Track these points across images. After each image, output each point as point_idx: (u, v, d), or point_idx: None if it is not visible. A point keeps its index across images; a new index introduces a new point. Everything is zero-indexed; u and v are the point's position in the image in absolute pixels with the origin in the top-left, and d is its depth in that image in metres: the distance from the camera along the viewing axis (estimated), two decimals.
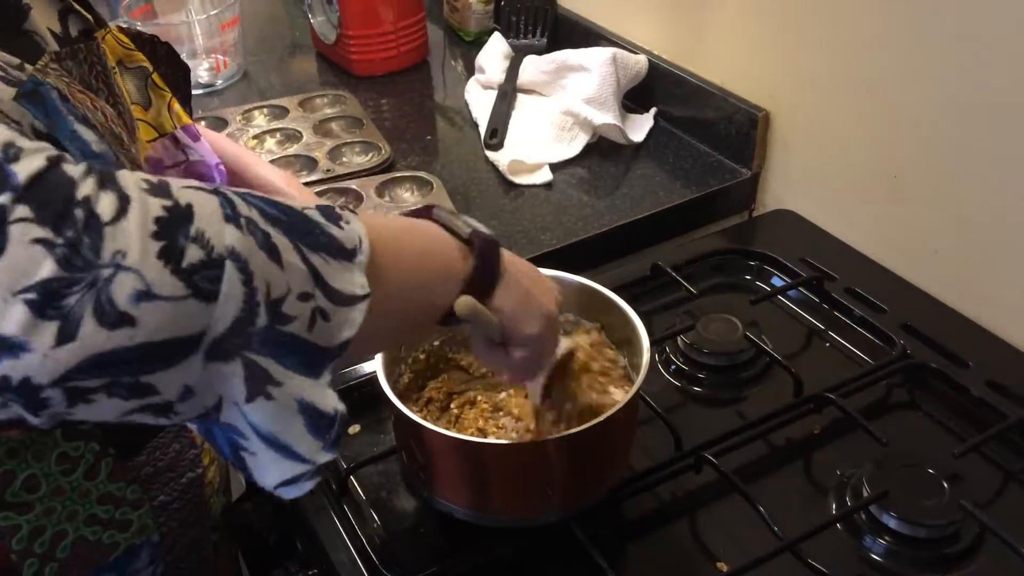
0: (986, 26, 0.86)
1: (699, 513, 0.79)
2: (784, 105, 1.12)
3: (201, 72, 1.48)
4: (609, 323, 0.81)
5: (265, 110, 1.37)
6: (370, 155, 1.24)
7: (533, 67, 1.32)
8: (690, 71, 1.24)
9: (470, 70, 1.43)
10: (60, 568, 0.63)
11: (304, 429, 0.47)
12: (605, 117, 1.22)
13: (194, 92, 1.44)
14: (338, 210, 0.50)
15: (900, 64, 0.96)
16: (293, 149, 1.26)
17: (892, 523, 0.75)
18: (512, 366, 0.65)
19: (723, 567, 0.74)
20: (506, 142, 1.24)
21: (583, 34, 1.38)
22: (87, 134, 0.53)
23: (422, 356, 0.83)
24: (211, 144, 0.73)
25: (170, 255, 0.41)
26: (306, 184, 1.18)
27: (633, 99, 1.31)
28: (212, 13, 1.46)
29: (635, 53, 1.28)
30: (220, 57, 1.48)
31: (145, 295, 0.40)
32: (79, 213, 0.40)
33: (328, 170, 1.21)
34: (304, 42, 1.60)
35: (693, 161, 1.21)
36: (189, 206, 0.42)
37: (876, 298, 0.98)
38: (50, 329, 0.39)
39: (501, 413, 0.80)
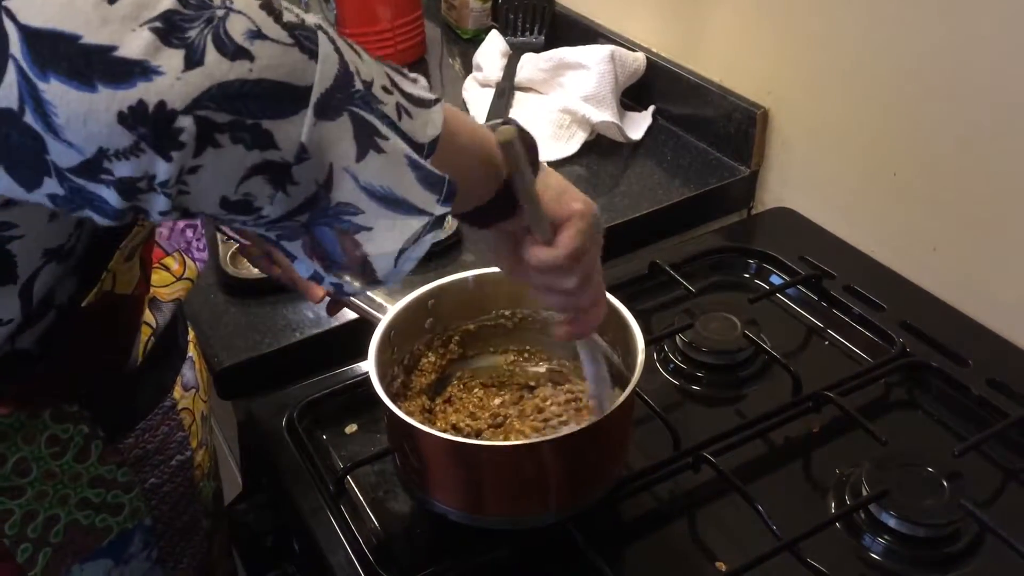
0: (985, 23, 0.86)
1: (698, 513, 0.79)
2: (783, 102, 1.12)
3: None
4: (604, 324, 0.80)
5: None
6: None
7: (531, 65, 1.32)
8: (688, 68, 1.23)
9: (468, 68, 1.43)
10: (54, 553, 0.63)
11: (417, 182, 0.48)
12: (603, 115, 1.22)
13: None
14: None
15: (899, 61, 0.95)
16: None
17: (891, 522, 0.74)
18: (567, 271, 0.64)
19: (722, 567, 0.73)
20: None
21: (581, 32, 1.38)
22: None
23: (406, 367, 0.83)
24: None
25: (271, 9, 0.43)
26: None
27: (631, 97, 1.30)
28: None
29: (633, 51, 1.28)
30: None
31: (257, 34, 0.42)
32: None
33: None
34: None
35: (691, 159, 1.21)
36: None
37: (875, 296, 0.97)
38: (178, 55, 0.40)
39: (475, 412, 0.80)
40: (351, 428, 0.87)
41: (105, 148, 0.40)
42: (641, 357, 0.73)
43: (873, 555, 0.74)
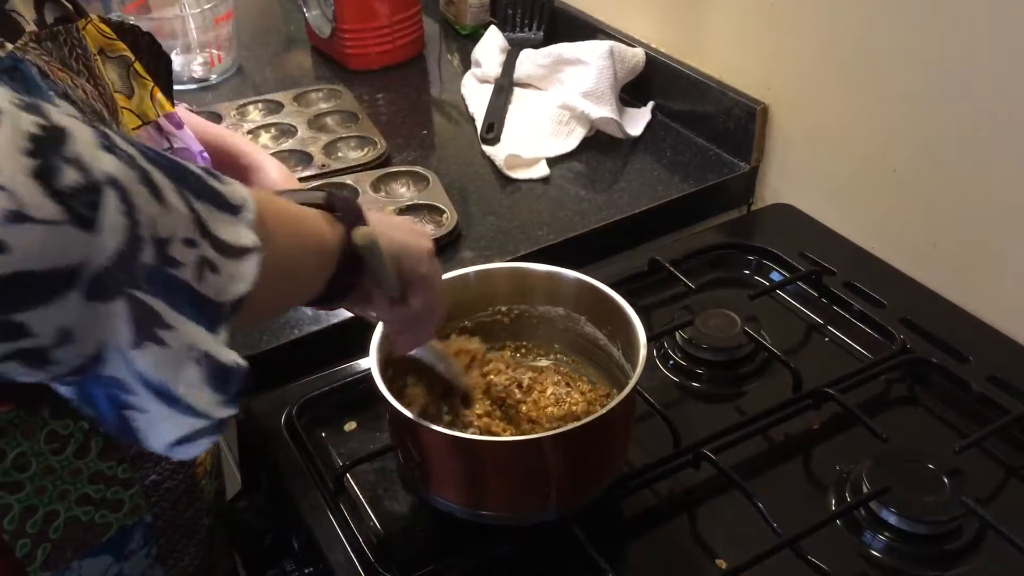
0: (986, 18, 0.86)
1: (698, 510, 0.79)
2: (783, 98, 1.12)
3: (195, 67, 1.47)
4: (605, 318, 0.80)
5: (260, 105, 1.36)
6: (366, 150, 1.23)
7: (530, 61, 1.32)
8: (688, 64, 1.23)
9: (466, 64, 1.42)
10: (53, 549, 0.62)
11: (201, 380, 0.43)
12: (602, 111, 1.22)
13: (188, 87, 1.46)
14: (218, 174, 0.46)
15: (899, 57, 0.95)
16: (288, 144, 1.25)
17: (892, 519, 0.74)
18: (409, 323, 0.66)
19: (722, 564, 0.73)
20: (503, 136, 1.23)
21: (580, 27, 1.38)
22: (67, 109, 0.50)
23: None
24: (193, 128, 0.73)
25: (44, 175, 0.37)
26: (301, 180, 1.17)
27: (630, 93, 1.30)
28: (206, 7, 1.45)
29: (632, 46, 1.27)
30: (214, 52, 1.47)
31: (18, 216, 0.36)
32: None
33: (323, 165, 1.20)
34: (299, 36, 1.59)
35: (691, 155, 1.21)
36: (64, 129, 0.38)
37: (875, 292, 0.97)
38: None
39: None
40: (350, 426, 0.87)
41: None
42: (643, 353, 0.73)
43: (874, 552, 0.74)
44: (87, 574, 0.64)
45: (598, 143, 1.24)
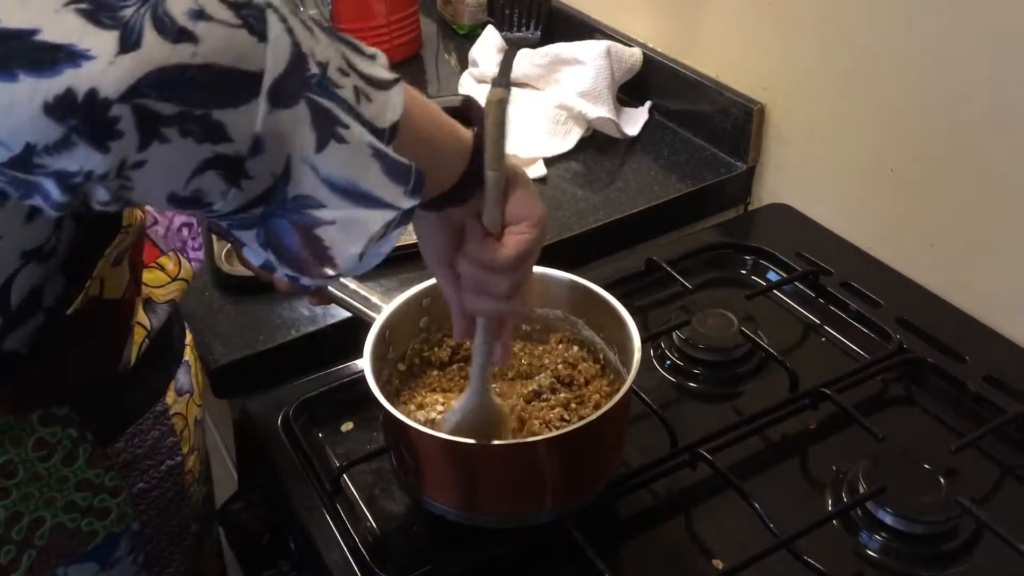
0: (982, 17, 0.86)
1: (695, 510, 0.79)
2: (779, 98, 1.12)
3: None
4: (600, 321, 0.80)
5: None
6: None
7: (527, 61, 1.31)
8: (685, 64, 1.23)
9: (464, 63, 1.42)
10: (38, 555, 0.62)
11: (382, 173, 0.45)
12: (599, 111, 1.22)
13: None
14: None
15: (896, 57, 0.95)
16: None
17: (888, 519, 0.74)
18: (495, 268, 0.60)
19: (719, 564, 0.73)
20: None
21: (577, 27, 1.37)
22: None
23: (402, 367, 0.82)
24: None
25: None
26: None
27: (628, 92, 1.30)
28: None
29: (629, 46, 1.27)
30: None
31: (200, 14, 0.38)
32: None
33: None
34: None
35: (688, 155, 1.21)
36: None
37: (872, 292, 0.97)
38: (111, 37, 0.37)
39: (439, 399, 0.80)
40: (347, 426, 0.87)
41: (33, 143, 0.37)
42: (637, 355, 0.73)
43: (870, 552, 0.74)
44: None
45: (595, 143, 1.24)
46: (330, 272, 0.47)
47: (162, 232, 0.73)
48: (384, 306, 0.79)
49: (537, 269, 0.80)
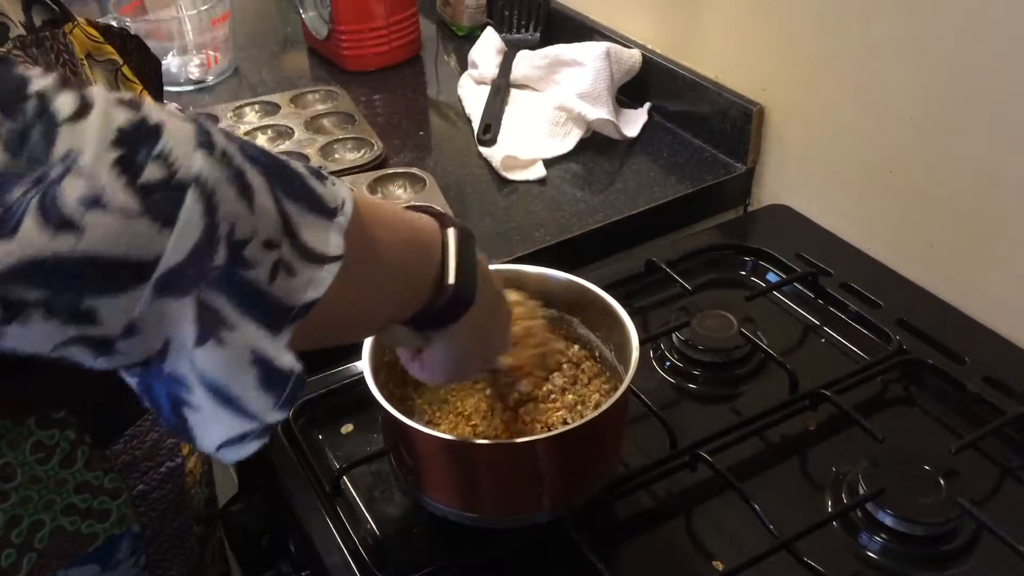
0: (982, 17, 0.86)
1: (694, 511, 0.79)
2: (779, 99, 1.12)
3: (192, 68, 1.47)
4: (597, 320, 0.80)
5: (256, 106, 1.36)
6: (362, 151, 1.23)
7: (526, 62, 1.32)
8: (684, 65, 1.23)
9: (463, 65, 1.42)
10: (39, 558, 0.62)
11: (256, 383, 0.43)
12: (599, 112, 1.22)
13: (185, 88, 1.45)
14: (324, 173, 0.47)
15: (896, 58, 0.95)
16: (285, 146, 1.25)
17: (888, 521, 0.74)
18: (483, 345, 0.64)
19: (719, 566, 0.73)
20: (499, 138, 1.23)
21: (576, 28, 1.38)
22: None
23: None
24: None
25: (127, 167, 0.37)
26: None
27: (627, 94, 1.30)
28: (203, 8, 1.45)
29: (629, 47, 1.27)
30: (211, 53, 1.47)
31: (94, 202, 0.36)
32: (31, 105, 0.36)
33: (320, 167, 1.20)
34: (295, 37, 1.59)
35: (687, 156, 1.21)
36: (159, 125, 0.39)
37: (872, 293, 0.97)
38: None
39: (447, 406, 0.80)
40: (347, 428, 0.87)
41: None
42: (635, 356, 0.73)
43: (870, 553, 0.74)
44: None
45: (595, 144, 1.24)
46: (193, 444, 0.45)
47: None
48: None
49: (534, 269, 0.81)
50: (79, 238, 0.36)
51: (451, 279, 0.54)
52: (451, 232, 0.55)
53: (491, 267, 0.81)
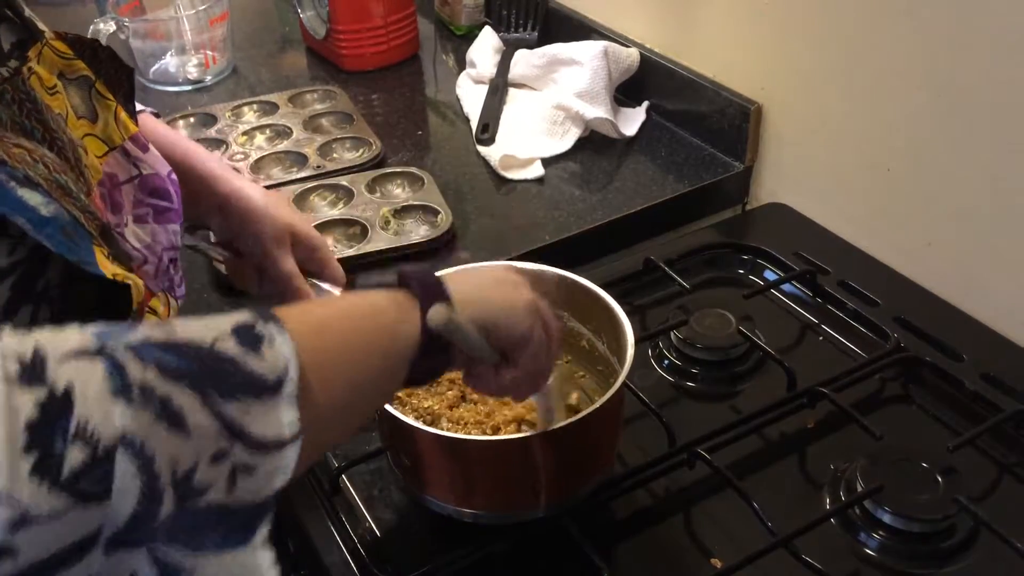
0: (979, 16, 0.86)
1: (693, 509, 0.79)
2: (776, 98, 1.12)
3: (190, 68, 1.47)
4: (589, 314, 0.81)
5: (255, 106, 1.36)
6: (360, 151, 1.23)
7: (524, 61, 1.32)
8: (682, 64, 1.23)
9: (461, 64, 1.42)
10: None
11: None
12: (597, 111, 1.22)
13: (183, 88, 1.45)
14: (260, 326, 0.44)
15: (893, 56, 0.95)
16: (283, 145, 1.25)
17: (886, 518, 0.74)
18: (520, 382, 0.63)
19: (717, 563, 0.73)
20: (498, 137, 1.24)
21: (574, 28, 1.38)
22: (33, 198, 0.49)
23: None
24: (160, 146, 0.70)
25: (47, 468, 0.35)
26: (296, 181, 1.17)
27: (625, 93, 1.30)
28: (201, 8, 1.45)
29: (627, 46, 1.27)
30: (209, 53, 1.47)
31: (22, 521, 0.34)
32: None
33: (318, 166, 1.20)
34: (294, 37, 1.59)
35: (685, 155, 1.21)
36: (68, 392, 0.36)
37: (869, 291, 0.97)
38: None
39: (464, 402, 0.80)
40: None
41: None
42: (631, 351, 0.73)
43: (868, 551, 0.74)
44: None
45: (593, 143, 1.24)
46: None
47: (152, 271, 0.68)
48: None
49: (528, 265, 0.81)
50: (15, 559, 0.35)
51: (392, 278, 0.55)
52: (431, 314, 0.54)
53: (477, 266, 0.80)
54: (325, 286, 0.82)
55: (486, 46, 1.38)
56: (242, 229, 0.80)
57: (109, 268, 0.53)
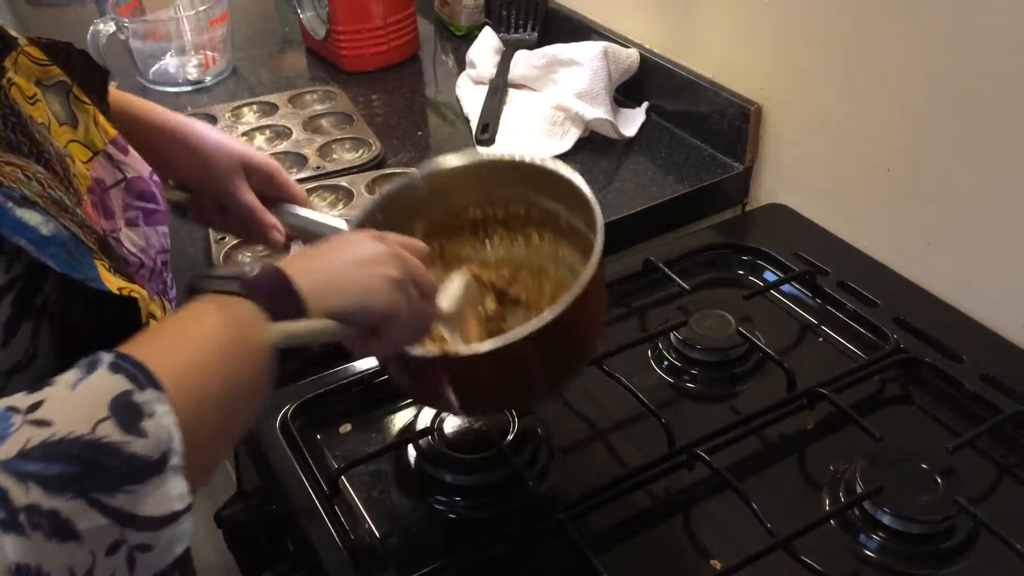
0: (980, 16, 0.86)
1: (692, 510, 0.79)
2: (776, 98, 1.12)
3: (190, 69, 1.47)
4: (566, 197, 0.80)
5: (254, 107, 1.36)
6: (360, 151, 1.23)
7: (524, 62, 1.32)
8: (682, 65, 1.23)
9: (461, 65, 1.42)
10: None
11: None
12: (597, 112, 1.22)
13: (183, 89, 1.45)
14: (137, 395, 0.43)
15: (893, 56, 0.95)
16: (283, 146, 1.25)
17: (886, 519, 0.74)
18: (395, 346, 0.63)
19: (717, 565, 0.73)
20: (498, 137, 1.24)
21: (574, 28, 1.38)
22: (32, 217, 0.49)
23: None
24: (131, 115, 0.71)
25: None
26: (296, 182, 1.17)
27: (625, 93, 1.30)
28: (201, 9, 1.45)
29: (626, 47, 1.27)
30: (209, 53, 1.47)
31: None
32: None
33: (318, 167, 1.20)
34: (294, 38, 1.59)
35: (685, 155, 1.21)
36: None
37: (869, 292, 0.97)
38: None
39: None
40: (345, 428, 0.87)
41: None
42: (600, 225, 0.74)
43: (868, 552, 0.74)
44: None
45: (592, 144, 1.24)
46: None
47: (147, 275, 0.68)
48: (343, 226, 0.81)
49: (495, 153, 0.81)
50: None
51: (236, 285, 0.53)
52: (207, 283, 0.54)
53: (446, 166, 0.82)
54: (290, 208, 0.83)
55: (486, 47, 1.38)
56: (195, 168, 0.80)
57: (113, 282, 0.53)
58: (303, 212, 0.84)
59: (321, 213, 0.85)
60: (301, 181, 1.17)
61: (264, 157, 0.84)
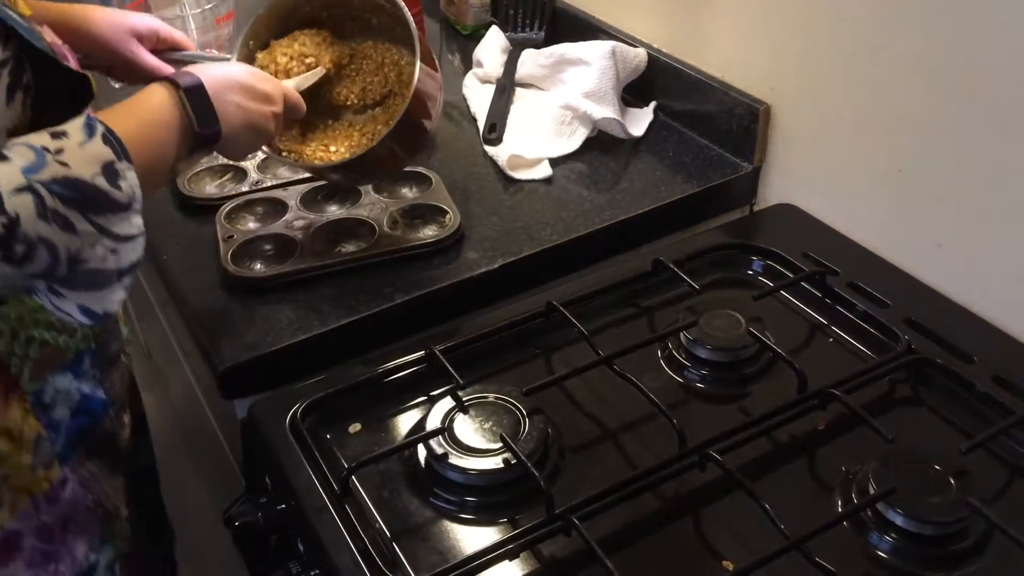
0: (990, 17, 0.86)
1: (704, 511, 0.79)
2: (785, 98, 1.12)
3: None
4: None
5: None
6: None
7: (531, 61, 1.31)
8: (690, 64, 1.23)
9: (468, 64, 1.42)
10: (34, 366, 0.78)
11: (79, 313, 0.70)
12: (605, 111, 1.21)
13: None
14: (117, 164, 0.68)
15: (903, 57, 0.95)
16: None
17: (899, 520, 0.74)
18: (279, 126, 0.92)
19: (729, 566, 0.73)
20: (505, 137, 1.23)
21: (582, 27, 1.37)
22: (32, 30, 0.67)
23: None
24: (36, 15, 0.79)
25: (7, 257, 0.61)
26: (304, 180, 1.17)
27: (633, 93, 1.30)
28: (207, 8, 1.44)
29: (634, 46, 1.27)
30: (215, 52, 1.47)
31: None
32: None
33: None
34: None
35: (694, 155, 1.20)
36: (16, 216, 0.61)
37: (879, 293, 0.97)
38: None
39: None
40: (355, 427, 0.87)
41: None
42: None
43: (880, 553, 0.74)
44: (59, 386, 0.81)
45: (600, 143, 1.23)
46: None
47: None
48: (228, 56, 1.04)
49: None
50: None
51: (196, 128, 0.80)
52: (183, 96, 0.79)
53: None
54: (180, 55, 1.04)
55: (493, 46, 1.37)
56: (96, 48, 0.97)
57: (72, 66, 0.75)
58: (190, 54, 1.06)
59: (203, 52, 1.11)
60: (304, 182, 1.17)
61: (148, 19, 1.03)
